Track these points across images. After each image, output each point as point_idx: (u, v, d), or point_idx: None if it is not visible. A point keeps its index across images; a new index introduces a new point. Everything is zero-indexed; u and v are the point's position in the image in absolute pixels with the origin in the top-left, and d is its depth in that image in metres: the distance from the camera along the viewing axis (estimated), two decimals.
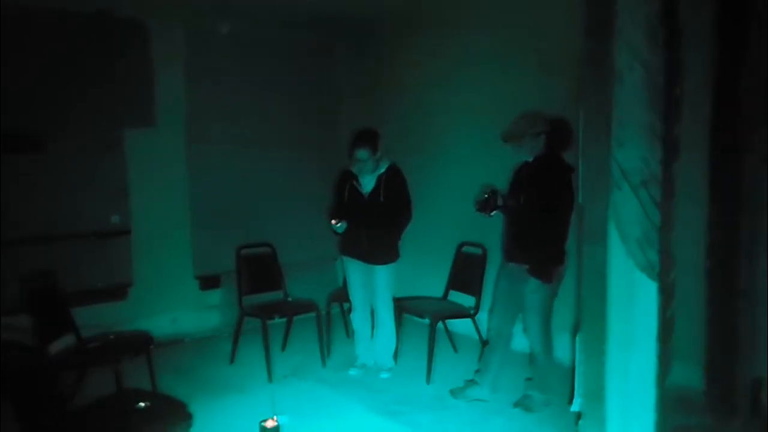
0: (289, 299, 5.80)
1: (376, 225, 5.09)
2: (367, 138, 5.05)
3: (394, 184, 5.12)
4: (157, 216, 6.16)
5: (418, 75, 6.74)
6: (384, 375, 5.30)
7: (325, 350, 5.61)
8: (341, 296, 5.87)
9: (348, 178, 5.22)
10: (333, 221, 5.06)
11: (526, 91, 5.41)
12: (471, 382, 4.83)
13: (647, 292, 3.05)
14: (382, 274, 5.18)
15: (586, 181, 3.22)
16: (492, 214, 4.55)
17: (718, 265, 4.16)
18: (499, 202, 4.54)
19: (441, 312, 5.45)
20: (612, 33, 2.91)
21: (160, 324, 5.96)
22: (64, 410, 3.23)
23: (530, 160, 4.50)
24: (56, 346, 4.37)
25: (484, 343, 5.04)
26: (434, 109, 6.56)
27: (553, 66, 5.23)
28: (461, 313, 5.42)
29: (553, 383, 4.63)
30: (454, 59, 6.29)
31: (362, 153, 5.02)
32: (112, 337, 4.73)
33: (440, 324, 5.55)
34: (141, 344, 4.63)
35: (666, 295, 3.06)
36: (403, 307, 5.48)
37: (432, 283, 5.84)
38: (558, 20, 4.97)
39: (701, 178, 4.20)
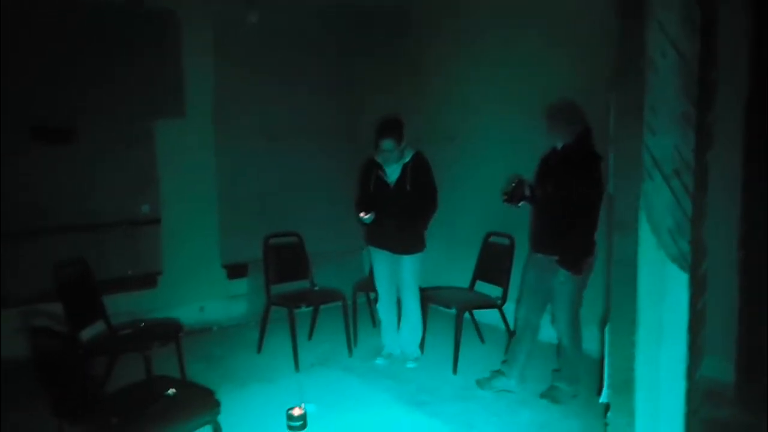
0: (316, 288, 5.82)
1: (402, 214, 5.08)
2: (392, 127, 5.04)
3: (419, 172, 5.11)
4: (186, 206, 6.22)
5: (445, 64, 6.70)
6: (410, 365, 5.30)
7: (351, 339, 5.63)
8: (367, 286, 5.87)
9: (373, 168, 5.21)
10: (361, 213, 5.05)
11: (555, 81, 5.36)
12: (498, 373, 4.81)
13: (678, 283, 3.01)
14: (409, 264, 5.17)
15: (616, 170, 3.18)
16: (519, 204, 4.52)
17: (751, 256, 4.10)
18: (527, 192, 4.51)
19: (468, 302, 5.43)
20: (645, 17, 2.86)
21: (189, 312, 6.02)
22: (95, 395, 3.28)
23: (558, 148, 4.46)
24: (87, 333, 4.44)
25: (511, 333, 5.02)
26: (461, 99, 6.52)
27: (584, 55, 5.17)
28: (488, 303, 5.40)
29: (580, 375, 4.61)
30: (482, 49, 6.24)
31: (388, 143, 5.01)
32: (142, 324, 4.78)
33: (467, 314, 5.53)
34: (170, 332, 4.67)
35: (697, 286, 3.02)
36: (429, 297, 5.47)
37: (459, 274, 5.82)
38: (590, 7, 4.91)
39: (734, 166, 4.14)
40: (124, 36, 5.77)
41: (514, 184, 4.50)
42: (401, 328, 5.37)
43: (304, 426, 4.15)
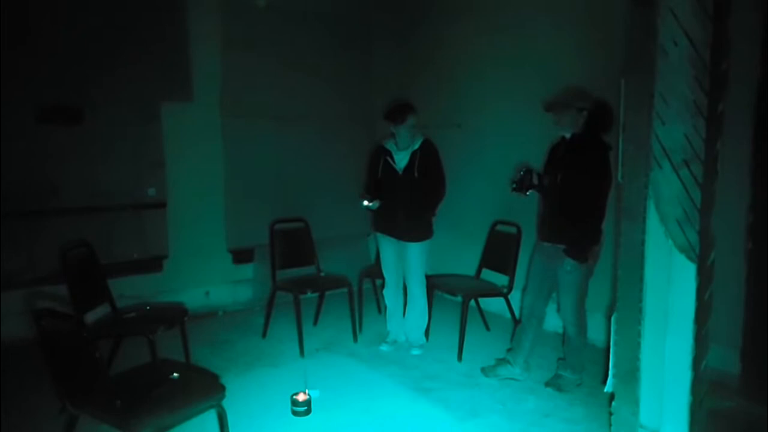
0: (322, 274, 5.82)
1: (410, 202, 5.06)
2: (402, 111, 5.02)
3: (428, 159, 5.08)
4: (192, 190, 6.21)
5: (455, 50, 6.66)
6: (415, 351, 5.30)
7: (356, 326, 5.62)
8: (373, 272, 5.87)
9: (381, 154, 5.18)
10: (365, 201, 5.04)
11: (565, 69, 5.32)
12: (502, 361, 4.81)
13: (685, 273, 3.00)
14: (415, 251, 5.16)
15: (626, 158, 3.17)
16: (528, 193, 4.50)
17: (759, 246, 4.07)
18: (535, 180, 4.49)
19: (473, 290, 5.42)
20: (658, 4, 2.83)
21: (194, 297, 6.04)
22: (99, 378, 3.28)
23: (567, 137, 4.43)
24: (92, 316, 4.44)
25: (517, 322, 5.01)
26: (470, 86, 6.49)
27: (593, 45, 5.13)
28: (494, 291, 5.40)
29: (585, 364, 4.60)
30: (492, 35, 6.19)
31: (396, 126, 4.99)
32: (147, 308, 4.80)
33: (472, 302, 5.52)
34: (175, 316, 4.66)
35: (704, 277, 3.01)
36: (435, 284, 5.46)
37: (465, 261, 5.82)
38: None
39: (743, 156, 4.10)
40: (132, 19, 5.74)
41: (522, 173, 4.48)
42: (407, 315, 5.37)
43: (308, 411, 4.17)
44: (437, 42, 6.83)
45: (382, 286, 5.51)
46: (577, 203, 4.29)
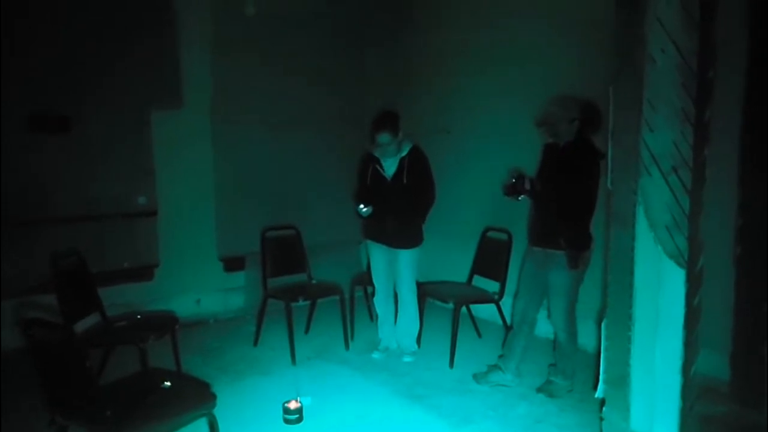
0: (313, 282, 5.81)
1: (399, 208, 5.06)
2: (388, 121, 5.00)
3: (416, 166, 5.08)
4: (183, 197, 6.21)
5: (445, 55, 6.67)
6: (407, 359, 5.29)
7: (348, 333, 5.61)
8: (365, 280, 5.87)
9: (371, 162, 5.18)
10: (360, 206, 5.04)
11: (555, 73, 5.34)
12: (494, 367, 4.81)
13: (674, 279, 3.02)
14: (406, 258, 5.16)
15: (615, 165, 3.18)
16: (519, 198, 4.51)
17: (747, 251, 4.09)
18: (527, 186, 4.49)
19: (465, 297, 5.43)
20: (645, 11, 2.85)
21: (185, 305, 6.02)
22: (90, 387, 3.27)
23: (561, 143, 4.44)
24: (82, 325, 4.42)
25: (508, 328, 5.02)
26: (460, 93, 6.50)
27: (584, 49, 5.14)
28: (485, 298, 5.40)
29: (576, 369, 4.61)
30: (482, 40, 6.20)
31: (383, 137, 4.97)
32: (138, 316, 4.78)
33: (464, 309, 5.52)
34: (166, 324, 4.65)
35: (694, 282, 3.03)
36: (426, 291, 5.46)
37: (456, 268, 5.82)
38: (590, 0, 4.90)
39: (731, 161, 4.12)
40: (121, 25, 5.73)
41: (514, 179, 4.48)
42: (398, 322, 5.36)
43: (300, 419, 4.16)
44: (430, 46, 6.83)
45: (374, 293, 5.50)
46: (569, 208, 4.31)
